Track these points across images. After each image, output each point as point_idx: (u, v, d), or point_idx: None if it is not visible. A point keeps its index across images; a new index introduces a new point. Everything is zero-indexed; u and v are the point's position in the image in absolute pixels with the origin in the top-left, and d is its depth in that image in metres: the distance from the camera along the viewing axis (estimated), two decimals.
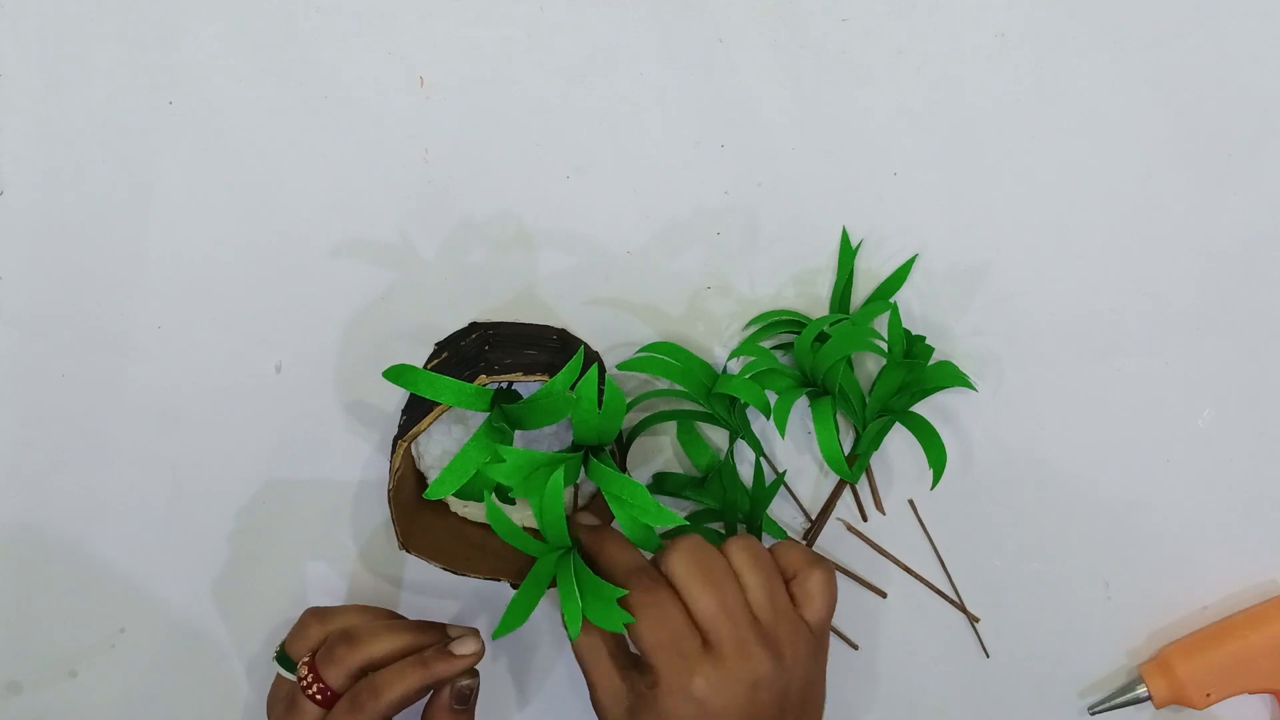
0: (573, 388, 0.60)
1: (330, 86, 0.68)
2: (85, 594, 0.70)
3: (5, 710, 0.70)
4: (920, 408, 0.67)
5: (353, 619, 0.64)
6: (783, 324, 0.68)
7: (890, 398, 0.66)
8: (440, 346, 0.68)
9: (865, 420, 0.67)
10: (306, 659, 0.63)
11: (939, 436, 0.66)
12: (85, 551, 0.70)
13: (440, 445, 0.66)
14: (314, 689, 0.62)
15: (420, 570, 0.70)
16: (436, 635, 0.63)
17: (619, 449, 0.65)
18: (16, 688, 0.70)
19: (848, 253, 0.68)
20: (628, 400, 0.68)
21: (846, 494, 0.70)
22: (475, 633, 0.63)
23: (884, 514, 0.70)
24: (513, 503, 0.66)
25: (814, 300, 0.69)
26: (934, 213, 0.69)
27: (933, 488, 0.66)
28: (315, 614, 0.65)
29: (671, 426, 0.70)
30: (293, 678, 0.63)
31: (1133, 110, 0.68)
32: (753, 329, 0.69)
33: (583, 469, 0.62)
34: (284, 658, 0.64)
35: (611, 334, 0.69)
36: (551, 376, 0.60)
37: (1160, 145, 0.68)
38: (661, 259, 0.69)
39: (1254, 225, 0.69)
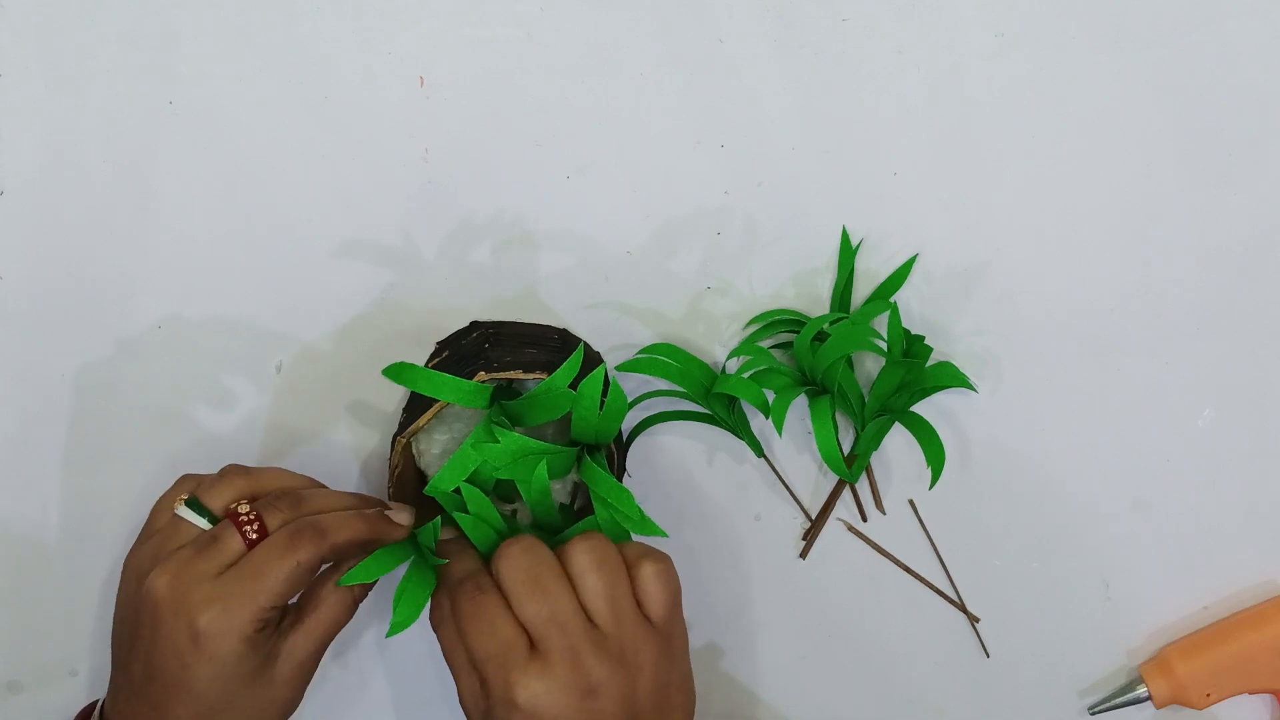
0: (574, 385, 0.60)
1: (330, 86, 0.68)
2: (85, 594, 0.70)
3: (5, 710, 0.70)
4: (920, 408, 0.67)
5: (282, 480, 0.61)
6: (783, 323, 0.68)
7: (889, 397, 0.66)
8: (441, 345, 0.68)
9: (864, 420, 0.67)
10: (247, 503, 0.58)
11: (938, 436, 0.66)
12: (85, 551, 0.70)
13: (440, 444, 0.66)
14: (254, 526, 0.57)
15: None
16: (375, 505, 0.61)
17: (618, 450, 0.65)
18: (16, 687, 0.70)
19: (848, 252, 0.68)
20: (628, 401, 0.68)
21: (846, 494, 0.70)
22: (410, 508, 0.61)
23: (884, 514, 0.70)
24: (512, 501, 0.66)
25: (814, 300, 0.69)
26: (934, 213, 0.69)
27: (931, 487, 0.66)
28: (240, 470, 0.60)
29: (671, 428, 0.70)
30: (205, 524, 0.58)
31: (1133, 110, 0.68)
32: (753, 328, 0.69)
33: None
34: (197, 505, 0.59)
35: (612, 334, 0.69)
36: (551, 374, 0.60)
37: (1160, 145, 0.68)
38: (662, 259, 0.69)
39: (1254, 225, 0.69)
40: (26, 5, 0.67)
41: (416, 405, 0.64)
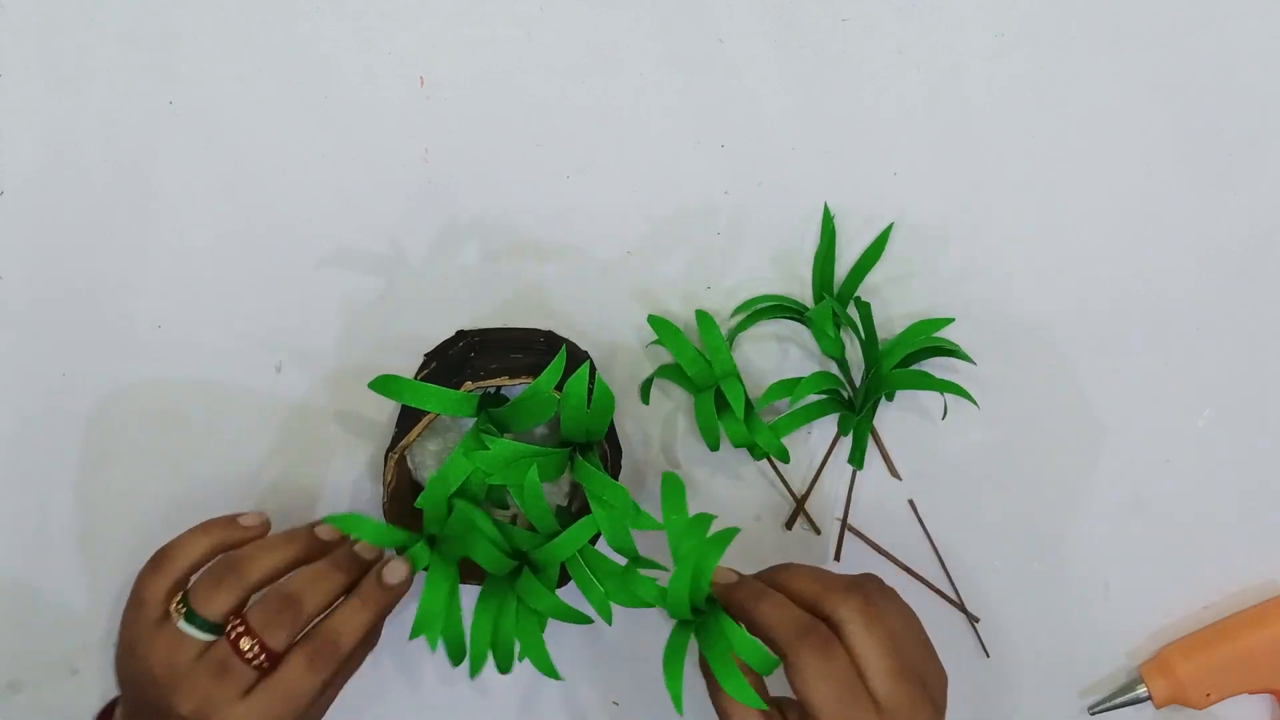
0: (559, 387, 0.60)
1: (330, 86, 0.68)
2: (85, 593, 0.70)
3: (5, 709, 0.70)
4: (918, 414, 0.67)
5: (269, 561, 0.59)
6: (771, 310, 0.68)
7: (887, 368, 0.66)
8: (429, 357, 0.67)
9: (863, 399, 0.67)
10: (241, 624, 0.57)
11: (934, 378, 0.65)
12: (85, 551, 0.70)
13: (434, 454, 0.66)
14: (260, 658, 0.57)
15: (416, 577, 0.70)
16: (310, 542, 0.60)
17: (612, 448, 0.65)
18: (16, 686, 0.70)
19: (829, 227, 0.68)
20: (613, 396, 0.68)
21: (849, 493, 0.70)
22: (403, 559, 0.61)
23: (900, 479, 0.70)
24: (507, 507, 0.66)
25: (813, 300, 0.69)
26: (933, 212, 0.69)
27: (943, 417, 0.67)
28: (228, 568, 0.58)
29: (678, 417, 0.69)
30: (207, 637, 0.57)
31: (1133, 110, 0.68)
32: (740, 316, 0.68)
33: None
34: (195, 617, 0.57)
35: (611, 334, 0.69)
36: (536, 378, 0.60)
37: (1160, 145, 0.68)
38: (661, 259, 0.69)
39: (1254, 225, 0.69)
40: (26, 5, 0.67)
41: (407, 418, 0.64)
